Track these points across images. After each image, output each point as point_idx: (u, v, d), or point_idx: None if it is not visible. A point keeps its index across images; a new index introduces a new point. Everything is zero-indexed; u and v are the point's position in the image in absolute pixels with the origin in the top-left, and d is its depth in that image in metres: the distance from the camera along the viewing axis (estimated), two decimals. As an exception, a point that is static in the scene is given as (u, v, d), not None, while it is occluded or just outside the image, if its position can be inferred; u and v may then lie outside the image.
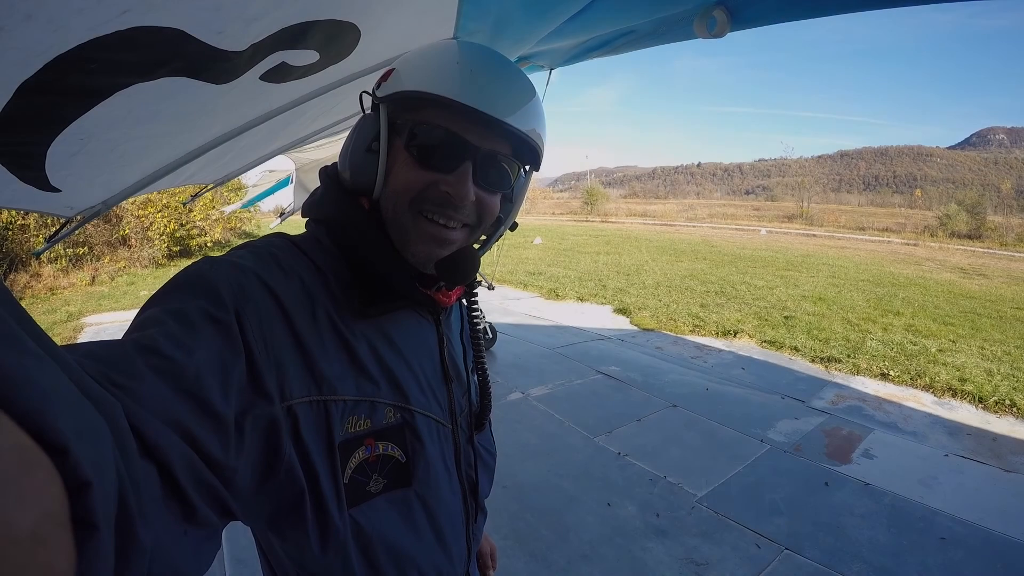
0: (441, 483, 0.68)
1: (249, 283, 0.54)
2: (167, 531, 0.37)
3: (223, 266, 0.54)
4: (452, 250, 0.65)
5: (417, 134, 0.61)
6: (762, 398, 4.37)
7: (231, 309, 0.50)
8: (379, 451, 0.61)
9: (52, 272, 9.36)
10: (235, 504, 0.46)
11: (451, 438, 0.71)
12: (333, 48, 1.30)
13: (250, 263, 0.56)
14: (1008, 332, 6.98)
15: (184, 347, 0.44)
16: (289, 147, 2.88)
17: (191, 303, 0.49)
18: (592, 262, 13.26)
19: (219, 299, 0.50)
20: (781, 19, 1.74)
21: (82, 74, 0.87)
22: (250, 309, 0.51)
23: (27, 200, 1.48)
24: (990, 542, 2.53)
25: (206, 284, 0.51)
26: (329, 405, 0.57)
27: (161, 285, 0.53)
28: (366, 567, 0.61)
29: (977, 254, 21.44)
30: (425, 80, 0.60)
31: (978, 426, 3.96)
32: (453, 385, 0.72)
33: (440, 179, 0.61)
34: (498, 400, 4.16)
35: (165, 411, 0.39)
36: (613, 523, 2.64)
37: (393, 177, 0.63)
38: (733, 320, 6.98)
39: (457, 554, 0.72)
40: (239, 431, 0.47)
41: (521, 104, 0.62)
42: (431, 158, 0.61)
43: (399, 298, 0.64)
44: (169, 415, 0.40)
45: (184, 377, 0.42)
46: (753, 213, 49.31)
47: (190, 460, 0.40)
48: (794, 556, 2.41)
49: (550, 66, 3.05)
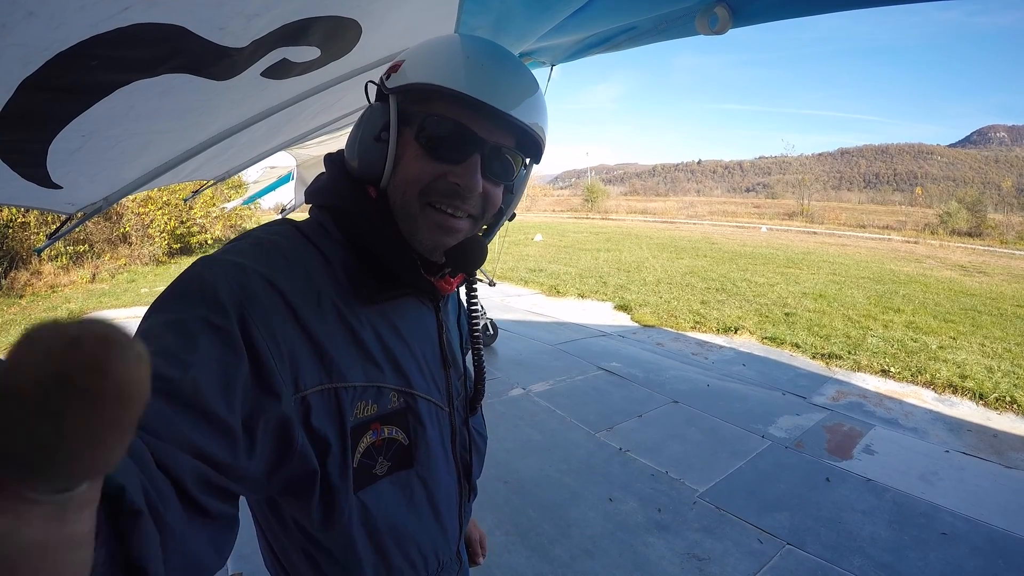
0: (439, 465, 0.71)
1: (251, 282, 0.54)
2: (186, 525, 0.41)
3: (222, 266, 0.54)
4: (458, 239, 0.66)
5: (427, 126, 0.62)
6: (763, 394, 4.38)
7: (231, 314, 0.50)
8: (384, 435, 0.63)
9: (53, 269, 9.37)
10: (245, 489, 0.50)
11: (448, 421, 0.74)
12: (334, 44, 1.29)
13: (250, 260, 0.56)
14: (1008, 329, 6.98)
15: (182, 364, 0.44)
16: (290, 143, 2.88)
17: (189, 312, 0.49)
18: (593, 259, 13.26)
19: (218, 304, 0.50)
20: (782, 16, 1.73)
21: (83, 71, 0.87)
22: (255, 309, 0.52)
23: (28, 197, 1.48)
24: (991, 538, 2.54)
25: (204, 290, 0.51)
26: (340, 392, 0.58)
27: (164, 288, 0.53)
28: (368, 544, 0.64)
29: (977, 252, 21.40)
30: (435, 73, 0.61)
31: (979, 423, 3.97)
32: (450, 370, 0.75)
33: (449, 170, 0.62)
34: (499, 396, 4.17)
35: (171, 430, 0.42)
36: (615, 518, 2.64)
37: (403, 167, 0.64)
38: (734, 317, 6.98)
39: (451, 532, 0.76)
40: (249, 433, 0.48)
41: (526, 98, 0.63)
42: (441, 149, 0.62)
43: (403, 285, 0.66)
44: (175, 433, 0.42)
45: (182, 394, 0.43)
46: (754, 210, 49.25)
47: (199, 472, 0.43)
48: (796, 551, 2.42)
49: (551, 62, 3.04)
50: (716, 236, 23.21)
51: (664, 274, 10.84)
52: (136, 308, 7.21)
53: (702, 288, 9.22)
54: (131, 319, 6.55)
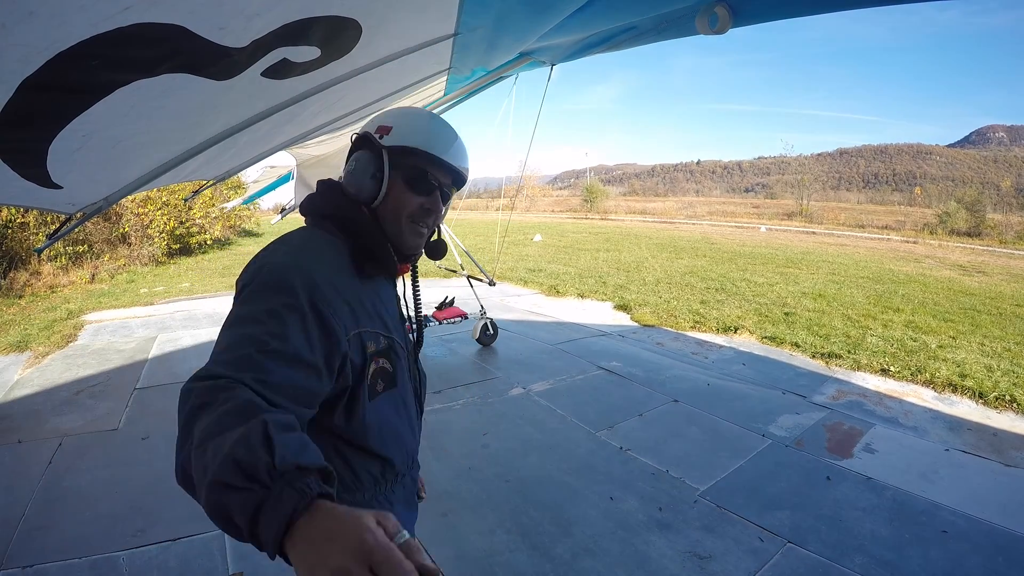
0: (407, 388, 1.05)
1: (307, 273, 0.83)
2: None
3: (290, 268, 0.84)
4: (424, 242, 1.08)
5: (413, 174, 1.00)
6: (763, 393, 4.38)
7: (302, 296, 0.80)
8: (380, 364, 0.95)
9: (52, 270, 9.35)
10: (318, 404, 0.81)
11: (407, 358, 1.06)
12: (334, 44, 1.29)
13: (302, 258, 0.88)
14: (1008, 329, 6.99)
15: (281, 336, 0.74)
16: (290, 143, 2.87)
17: (275, 301, 0.78)
18: (592, 259, 13.27)
19: (294, 292, 0.80)
20: (782, 16, 1.73)
21: (84, 71, 0.86)
22: (316, 291, 0.82)
23: (28, 197, 1.48)
24: (991, 535, 2.54)
25: (282, 284, 0.81)
26: (363, 335, 0.91)
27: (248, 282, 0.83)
28: (376, 437, 0.96)
29: (976, 251, 21.41)
30: (417, 139, 0.98)
31: (978, 421, 3.97)
32: (404, 325, 1.10)
33: (424, 200, 1.01)
34: (500, 395, 4.17)
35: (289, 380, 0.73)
36: (616, 517, 2.65)
37: (392, 197, 0.99)
38: (733, 316, 6.98)
39: (416, 438, 1.13)
40: (328, 367, 0.81)
41: (461, 152, 1.03)
42: (418, 187, 1.00)
43: (383, 268, 0.99)
44: (291, 381, 0.73)
45: (287, 355, 0.74)
46: (753, 210, 49.18)
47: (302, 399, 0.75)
48: (797, 549, 2.42)
49: (551, 62, 3.04)
50: (715, 236, 23.22)
51: (663, 274, 10.84)
52: (135, 308, 7.20)
53: (702, 288, 9.23)
54: (130, 319, 6.54)
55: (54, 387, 4.28)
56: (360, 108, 2.51)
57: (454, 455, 3.25)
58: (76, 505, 2.66)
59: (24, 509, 2.61)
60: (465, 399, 4.11)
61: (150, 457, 3.15)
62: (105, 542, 2.37)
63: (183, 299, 7.90)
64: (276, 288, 0.80)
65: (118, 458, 3.15)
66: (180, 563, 2.26)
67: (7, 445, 3.29)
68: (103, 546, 2.34)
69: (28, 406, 3.90)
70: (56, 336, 5.62)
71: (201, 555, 2.31)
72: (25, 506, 2.64)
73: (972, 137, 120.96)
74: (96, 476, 2.94)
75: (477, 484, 2.93)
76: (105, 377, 4.51)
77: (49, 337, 5.58)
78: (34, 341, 5.45)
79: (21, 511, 2.59)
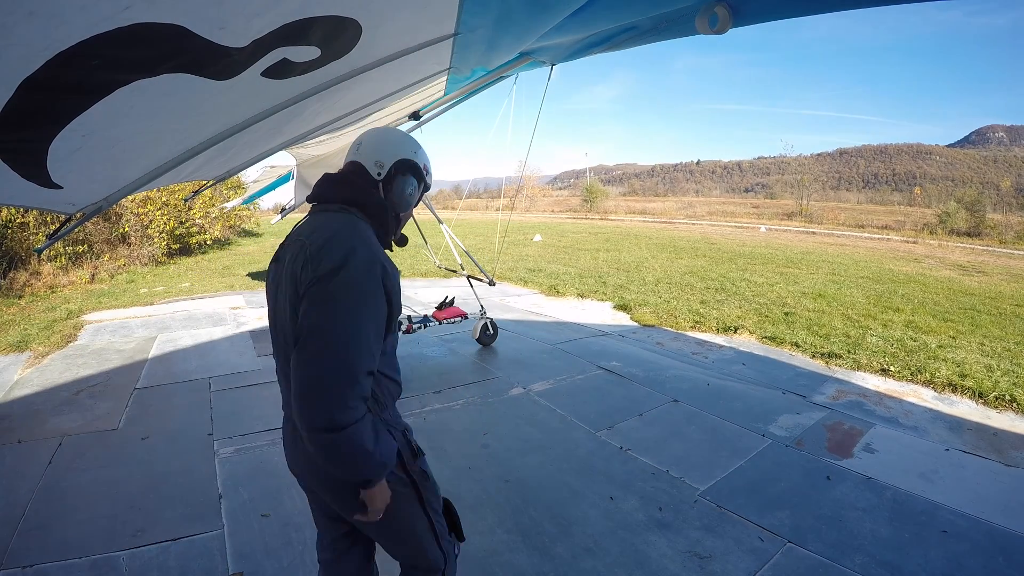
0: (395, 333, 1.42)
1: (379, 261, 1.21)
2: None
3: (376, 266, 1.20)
4: None
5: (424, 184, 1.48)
6: (763, 393, 4.38)
7: (383, 287, 1.20)
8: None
9: (52, 270, 9.34)
10: None
11: None
12: (334, 44, 1.29)
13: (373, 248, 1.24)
14: (1008, 328, 6.99)
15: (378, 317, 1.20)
16: (290, 143, 2.87)
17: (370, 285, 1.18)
18: (592, 259, 13.27)
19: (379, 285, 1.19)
20: (782, 15, 1.73)
21: (84, 71, 0.86)
22: (388, 282, 1.22)
23: (28, 197, 1.48)
24: (991, 535, 2.54)
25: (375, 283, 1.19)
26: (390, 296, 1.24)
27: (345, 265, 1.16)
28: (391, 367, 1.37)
29: (976, 251, 21.40)
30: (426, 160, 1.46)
31: (978, 421, 3.97)
32: None
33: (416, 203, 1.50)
34: (500, 395, 4.17)
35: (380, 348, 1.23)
36: (616, 517, 2.65)
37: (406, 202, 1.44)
38: (733, 316, 6.99)
39: None
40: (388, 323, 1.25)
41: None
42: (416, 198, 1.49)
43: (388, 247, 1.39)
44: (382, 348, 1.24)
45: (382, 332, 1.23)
46: (752, 211, 49.16)
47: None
48: (797, 549, 2.42)
49: (551, 62, 3.03)
50: (715, 236, 23.22)
51: (663, 274, 10.84)
52: (135, 308, 7.20)
53: (701, 288, 9.23)
54: (130, 319, 6.54)
55: (54, 387, 4.28)
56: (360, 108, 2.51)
57: (454, 455, 3.25)
58: (76, 505, 2.66)
59: (24, 509, 2.61)
60: (465, 399, 4.11)
61: (150, 457, 3.15)
62: (105, 542, 2.37)
63: (183, 299, 7.90)
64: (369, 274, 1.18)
65: (118, 458, 3.15)
66: (180, 563, 2.26)
67: (7, 445, 3.29)
68: (103, 546, 2.34)
69: (28, 406, 3.90)
70: (56, 336, 5.62)
71: (201, 555, 2.31)
72: (25, 506, 2.64)
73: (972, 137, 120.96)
74: (96, 476, 2.94)
75: (477, 484, 2.93)
76: (105, 377, 4.51)
77: (49, 337, 5.58)
78: (34, 341, 5.45)
79: (21, 511, 2.59)
